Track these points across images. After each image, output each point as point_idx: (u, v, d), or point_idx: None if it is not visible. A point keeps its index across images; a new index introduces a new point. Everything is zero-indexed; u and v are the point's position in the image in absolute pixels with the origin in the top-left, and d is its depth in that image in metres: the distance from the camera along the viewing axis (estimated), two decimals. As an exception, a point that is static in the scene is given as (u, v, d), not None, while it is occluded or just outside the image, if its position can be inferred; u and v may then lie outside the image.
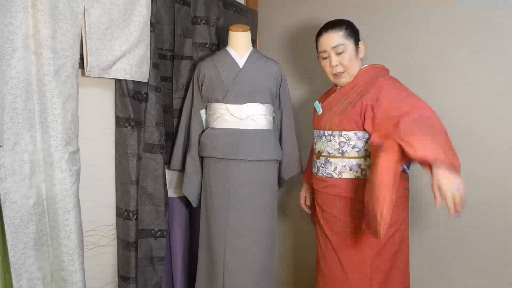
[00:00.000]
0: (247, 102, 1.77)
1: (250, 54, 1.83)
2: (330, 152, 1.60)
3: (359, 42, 1.61)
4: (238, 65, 1.80)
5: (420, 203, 1.89)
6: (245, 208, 1.77)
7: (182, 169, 1.90)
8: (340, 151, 1.57)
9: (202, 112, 1.89)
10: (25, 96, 1.24)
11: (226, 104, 1.77)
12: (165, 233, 1.76)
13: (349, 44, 1.57)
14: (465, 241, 1.83)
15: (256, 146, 1.76)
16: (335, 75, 1.60)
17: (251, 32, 1.89)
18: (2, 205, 1.21)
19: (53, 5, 1.29)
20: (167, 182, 1.81)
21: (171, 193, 1.92)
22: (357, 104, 1.52)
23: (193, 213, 2.03)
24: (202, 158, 1.87)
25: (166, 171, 1.84)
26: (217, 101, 1.80)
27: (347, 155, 1.56)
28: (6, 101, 1.20)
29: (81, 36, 1.43)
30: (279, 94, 1.90)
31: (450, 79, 1.84)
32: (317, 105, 1.71)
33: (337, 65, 1.57)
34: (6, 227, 1.22)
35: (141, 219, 1.70)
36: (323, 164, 1.62)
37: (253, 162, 1.77)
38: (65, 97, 1.34)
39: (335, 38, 1.55)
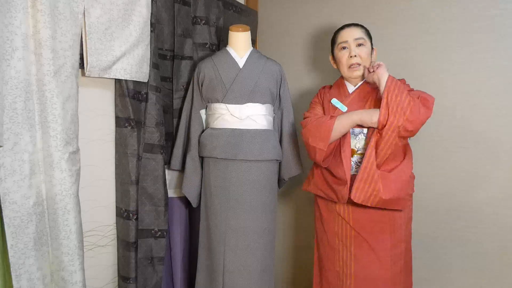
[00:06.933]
0: (247, 102, 1.77)
1: (250, 54, 1.83)
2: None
3: (373, 47, 1.74)
4: (238, 65, 1.80)
5: (420, 203, 1.88)
6: (244, 208, 1.77)
7: (182, 169, 1.90)
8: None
9: (202, 112, 1.89)
10: (25, 96, 1.24)
11: (226, 104, 1.77)
12: (165, 233, 1.76)
13: (368, 42, 1.70)
14: (465, 241, 1.83)
15: (256, 146, 1.76)
16: (351, 66, 1.68)
17: (251, 32, 1.89)
18: (2, 205, 1.21)
19: (53, 5, 1.29)
20: (167, 182, 1.80)
21: (171, 193, 1.92)
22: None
23: (193, 213, 2.03)
24: (202, 158, 1.87)
25: (166, 171, 1.84)
26: (217, 101, 1.80)
27: None
28: (6, 101, 1.20)
29: (81, 36, 1.43)
30: (279, 94, 1.90)
31: (450, 79, 1.84)
32: (338, 103, 1.72)
33: (355, 55, 1.66)
34: (6, 227, 1.22)
35: (141, 219, 1.70)
36: (359, 162, 1.65)
37: (253, 162, 1.77)
38: (65, 97, 1.34)
39: (358, 32, 1.69)
